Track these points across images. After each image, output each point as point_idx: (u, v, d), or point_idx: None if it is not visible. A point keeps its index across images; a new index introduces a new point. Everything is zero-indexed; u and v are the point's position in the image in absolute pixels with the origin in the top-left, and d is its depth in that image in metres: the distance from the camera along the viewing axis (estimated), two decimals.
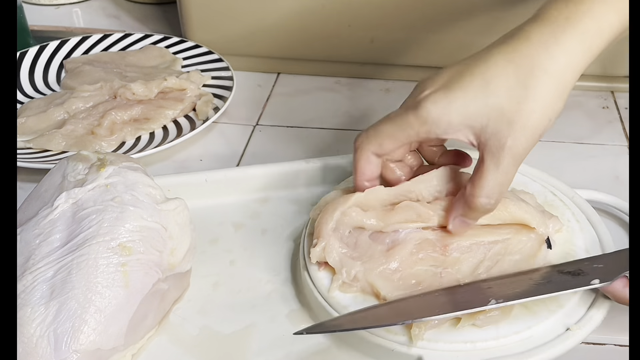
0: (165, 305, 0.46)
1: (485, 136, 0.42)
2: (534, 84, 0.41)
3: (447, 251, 0.46)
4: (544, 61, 0.41)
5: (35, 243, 0.42)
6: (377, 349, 0.43)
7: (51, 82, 0.75)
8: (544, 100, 0.41)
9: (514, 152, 0.41)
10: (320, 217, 0.47)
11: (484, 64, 0.42)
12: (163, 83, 0.69)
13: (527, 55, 0.41)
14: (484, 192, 0.42)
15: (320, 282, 0.46)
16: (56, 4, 0.95)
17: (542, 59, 0.41)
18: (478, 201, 0.43)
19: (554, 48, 0.41)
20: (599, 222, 0.50)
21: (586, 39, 0.41)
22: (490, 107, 0.41)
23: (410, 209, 0.46)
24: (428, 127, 0.42)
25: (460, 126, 0.42)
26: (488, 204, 0.43)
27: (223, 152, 0.66)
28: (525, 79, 0.41)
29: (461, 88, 0.42)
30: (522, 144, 0.41)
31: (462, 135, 0.42)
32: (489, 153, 0.42)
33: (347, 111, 0.72)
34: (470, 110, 0.41)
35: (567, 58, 0.41)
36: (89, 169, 0.46)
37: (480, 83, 0.41)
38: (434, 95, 0.42)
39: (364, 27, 0.71)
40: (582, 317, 0.43)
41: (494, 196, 0.42)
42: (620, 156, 0.64)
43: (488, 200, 0.42)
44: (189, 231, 0.46)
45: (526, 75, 0.41)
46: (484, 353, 0.41)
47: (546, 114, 0.41)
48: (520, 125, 0.41)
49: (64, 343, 0.39)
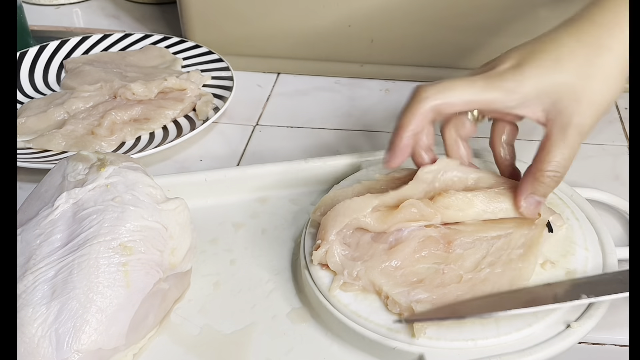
0: (166, 304, 0.46)
1: (554, 112, 0.44)
2: (600, 62, 0.43)
3: (451, 248, 0.46)
4: (608, 41, 0.43)
5: (36, 243, 0.42)
6: (378, 348, 0.43)
7: (51, 82, 0.75)
8: (609, 78, 0.43)
9: (580, 128, 0.43)
10: (327, 219, 0.46)
11: (554, 43, 0.44)
12: (163, 83, 0.69)
13: (593, 36, 0.44)
14: (552, 166, 0.44)
15: (320, 281, 0.46)
16: (56, 4, 0.95)
17: (606, 40, 0.43)
18: (546, 175, 0.44)
19: (615, 29, 0.43)
20: (598, 220, 0.50)
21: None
22: (561, 84, 0.43)
23: (413, 207, 0.46)
24: (503, 97, 0.44)
25: (533, 100, 0.44)
26: (556, 177, 0.45)
27: (223, 152, 0.66)
28: (593, 57, 0.43)
29: (535, 65, 0.44)
30: (588, 120, 0.43)
31: (532, 111, 0.44)
32: (557, 128, 0.44)
33: (347, 111, 0.72)
34: (543, 86, 0.43)
35: (623, 37, 0.43)
36: (89, 169, 0.46)
37: (553, 61, 0.44)
38: (511, 69, 0.44)
39: (364, 27, 0.71)
40: (582, 315, 0.43)
41: (561, 169, 0.44)
42: (620, 156, 0.64)
43: (555, 173, 0.44)
44: (190, 231, 0.47)
45: (594, 54, 0.43)
46: (485, 350, 0.41)
47: (610, 91, 0.43)
48: (587, 102, 0.43)
49: (66, 343, 0.39)
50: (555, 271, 0.46)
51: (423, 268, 0.45)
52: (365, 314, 0.43)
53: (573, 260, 0.46)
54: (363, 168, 0.56)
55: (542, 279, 0.45)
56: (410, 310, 0.42)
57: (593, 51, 0.43)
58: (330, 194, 0.50)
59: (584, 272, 0.46)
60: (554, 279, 0.45)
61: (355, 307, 0.44)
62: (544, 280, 0.45)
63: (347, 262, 0.45)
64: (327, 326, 0.46)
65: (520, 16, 0.44)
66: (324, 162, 0.57)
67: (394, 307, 0.43)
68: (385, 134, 0.65)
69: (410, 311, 0.42)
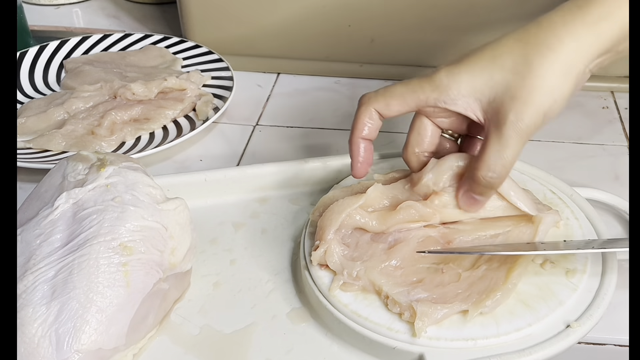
0: (166, 304, 0.46)
1: (490, 111, 0.43)
2: (539, 61, 0.42)
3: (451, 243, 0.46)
4: (551, 41, 0.42)
5: (36, 243, 0.42)
6: (379, 347, 0.43)
7: (51, 82, 0.75)
8: (548, 79, 0.42)
9: (516, 127, 0.42)
10: (323, 219, 0.47)
11: (494, 44, 0.44)
12: (163, 83, 0.69)
13: (534, 35, 0.43)
14: (486, 166, 0.43)
15: (320, 281, 0.46)
16: (56, 4, 0.95)
17: (549, 39, 0.42)
18: (481, 174, 0.44)
19: (561, 30, 0.42)
20: (598, 220, 0.50)
21: (595, 26, 0.42)
22: (495, 81, 0.42)
23: (412, 208, 0.46)
24: (438, 94, 0.44)
25: (469, 98, 0.43)
26: (491, 178, 0.43)
27: (223, 152, 0.66)
28: (531, 56, 0.42)
29: (471, 62, 0.44)
30: (525, 120, 0.42)
31: (471, 109, 0.44)
32: (493, 127, 0.43)
33: (347, 111, 0.72)
34: (478, 83, 0.43)
35: (574, 42, 0.42)
36: (89, 169, 0.46)
37: (489, 58, 0.43)
38: (447, 66, 0.44)
39: (364, 27, 0.72)
40: (582, 315, 0.43)
41: (496, 170, 0.43)
42: (620, 156, 0.64)
43: (491, 174, 0.43)
44: (190, 231, 0.47)
45: (532, 52, 0.42)
46: (485, 350, 0.41)
47: (551, 93, 0.42)
48: (523, 101, 0.42)
49: (66, 343, 0.39)
50: (555, 271, 0.46)
51: (423, 268, 0.45)
52: (365, 313, 0.43)
53: (573, 260, 0.46)
54: None
55: (542, 279, 0.45)
56: (411, 310, 0.42)
57: (532, 49, 0.42)
58: (329, 195, 0.50)
59: (583, 272, 0.46)
60: (554, 278, 0.45)
61: (355, 307, 0.44)
62: (543, 280, 0.45)
63: (347, 262, 0.45)
64: (327, 326, 0.46)
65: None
66: (324, 162, 0.57)
67: (394, 306, 0.43)
68: (386, 134, 0.65)
69: (411, 310, 0.42)
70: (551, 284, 0.45)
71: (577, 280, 0.45)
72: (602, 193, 0.55)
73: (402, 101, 0.45)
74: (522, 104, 0.42)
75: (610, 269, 0.46)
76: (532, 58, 0.42)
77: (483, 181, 0.44)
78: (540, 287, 0.45)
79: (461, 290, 0.43)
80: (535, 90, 0.42)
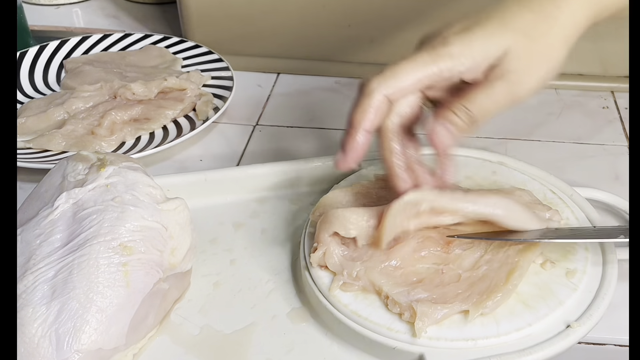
0: (166, 304, 0.46)
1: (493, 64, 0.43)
2: (545, 28, 0.43)
3: (450, 248, 0.46)
4: (554, 11, 0.44)
5: (36, 243, 0.42)
6: (379, 347, 0.43)
7: (51, 82, 0.75)
8: (552, 46, 0.44)
9: (509, 81, 0.43)
10: (321, 222, 0.47)
11: (500, 11, 0.44)
12: (163, 83, 0.69)
13: (539, 4, 0.44)
14: (464, 101, 0.43)
15: (320, 281, 0.46)
16: (56, 4, 0.95)
17: (552, 10, 0.44)
18: (457, 105, 0.43)
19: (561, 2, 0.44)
20: (598, 220, 0.50)
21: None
22: (507, 43, 0.43)
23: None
24: (452, 63, 0.42)
25: (482, 62, 0.43)
26: (464, 114, 0.43)
27: (223, 152, 0.66)
28: (539, 22, 0.43)
29: (482, 27, 0.43)
30: (521, 80, 0.43)
31: (479, 72, 0.43)
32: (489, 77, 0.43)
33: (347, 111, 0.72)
34: (492, 48, 0.43)
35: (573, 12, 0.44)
36: (89, 169, 0.46)
37: (499, 24, 0.43)
38: (457, 34, 0.43)
39: (364, 27, 0.71)
40: (582, 315, 0.43)
41: (473, 110, 0.43)
42: (620, 156, 0.64)
43: (465, 110, 0.43)
44: (190, 231, 0.46)
45: (540, 20, 0.44)
46: (485, 350, 0.41)
47: (552, 61, 0.44)
48: (526, 63, 0.43)
49: (66, 343, 0.39)
50: (555, 271, 0.46)
51: (423, 268, 0.45)
52: (365, 313, 0.43)
53: (573, 260, 0.46)
54: (363, 168, 0.56)
55: (542, 279, 0.45)
56: (411, 310, 0.42)
57: (539, 17, 0.43)
58: (329, 195, 0.50)
59: (583, 272, 0.46)
60: (554, 278, 0.45)
61: (355, 307, 0.44)
62: (543, 280, 0.45)
63: (346, 263, 0.45)
64: (327, 326, 0.46)
65: None
66: (324, 162, 0.57)
67: (394, 307, 0.43)
68: None
69: (411, 310, 0.42)
70: (551, 284, 0.45)
71: (577, 280, 0.45)
72: (602, 193, 0.55)
73: (415, 80, 0.43)
74: (524, 66, 0.43)
75: (610, 268, 0.46)
76: (540, 26, 0.43)
77: (462, 115, 0.43)
78: (540, 287, 0.45)
79: (461, 291, 0.43)
80: (539, 55, 0.43)
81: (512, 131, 0.67)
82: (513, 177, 0.55)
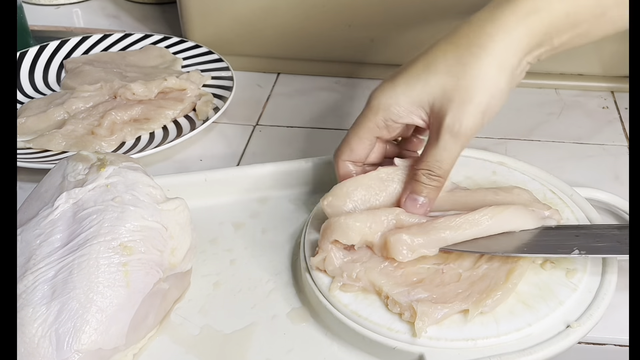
0: (166, 304, 0.46)
1: (432, 115, 0.44)
2: (471, 61, 0.42)
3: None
4: (482, 39, 0.42)
5: (36, 243, 0.42)
6: (379, 348, 0.43)
7: (51, 82, 0.75)
8: (482, 77, 0.42)
9: (452, 129, 0.43)
10: (324, 229, 0.46)
11: (427, 50, 0.45)
12: (163, 83, 0.69)
13: (464, 35, 0.43)
14: (424, 165, 0.45)
15: (320, 281, 0.46)
16: (56, 4, 0.95)
17: (479, 37, 0.42)
18: (419, 174, 0.45)
19: (490, 27, 0.42)
20: (598, 220, 0.50)
21: (525, 20, 0.42)
22: (431, 86, 0.43)
23: None
24: (382, 115, 0.45)
25: (411, 108, 0.44)
26: (429, 179, 0.45)
27: (223, 152, 0.66)
28: (464, 57, 0.42)
29: (405, 74, 0.45)
30: (462, 121, 0.43)
31: (416, 117, 0.45)
32: (432, 130, 0.44)
33: (347, 111, 0.72)
34: (415, 93, 0.44)
35: (505, 37, 0.42)
36: (89, 169, 0.46)
37: (423, 66, 0.44)
38: (380, 86, 0.46)
39: (364, 27, 0.71)
40: (582, 315, 0.43)
41: (435, 171, 0.45)
42: (620, 156, 0.64)
43: (428, 174, 0.45)
44: (190, 231, 0.47)
45: (465, 53, 0.43)
46: (485, 350, 0.41)
47: (487, 90, 0.42)
48: (459, 102, 0.43)
49: (66, 343, 0.39)
50: (555, 271, 0.46)
51: (423, 268, 0.45)
52: (366, 314, 0.43)
53: (573, 260, 0.46)
54: None
55: (542, 279, 0.45)
56: (411, 310, 0.42)
57: (464, 50, 0.43)
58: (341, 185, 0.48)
59: (583, 272, 0.46)
60: (554, 278, 0.45)
61: (355, 307, 0.44)
62: (543, 280, 0.45)
63: (346, 265, 0.45)
64: (327, 326, 0.46)
65: None
66: (324, 162, 0.57)
67: (394, 306, 0.43)
68: None
69: (411, 310, 0.42)
70: (551, 284, 0.45)
71: (577, 280, 0.45)
72: (602, 193, 0.55)
73: (360, 139, 0.47)
74: (457, 106, 0.43)
75: (610, 269, 0.46)
76: (464, 59, 0.42)
77: (426, 180, 0.45)
78: (540, 287, 0.45)
79: (461, 290, 0.43)
80: (471, 89, 0.42)
81: (512, 131, 0.67)
82: (513, 177, 0.55)
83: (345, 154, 0.48)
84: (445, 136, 0.43)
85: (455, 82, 0.42)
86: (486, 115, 0.43)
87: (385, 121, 0.46)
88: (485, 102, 0.43)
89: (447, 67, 0.43)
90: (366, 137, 0.47)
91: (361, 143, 0.47)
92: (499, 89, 0.43)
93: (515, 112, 0.69)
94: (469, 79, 0.42)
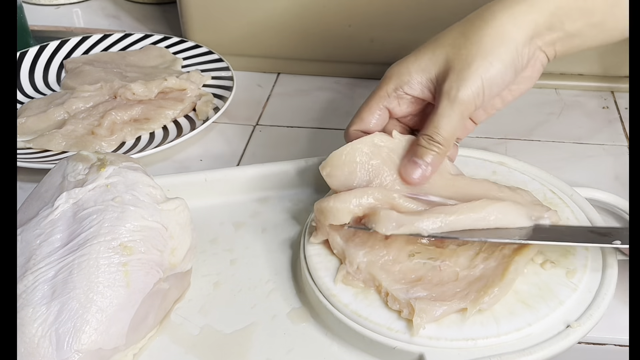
0: (166, 304, 0.46)
1: (437, 86, 0.46)
2: (473, 31, 0.45)
3: (444, 242, 0.46)
4: (485, 14, 0.45)
5: (36, 243, 0.42)
6: (379, 347, 0.43)
7: (51, 82, 0.75)
8: (482, 44, 0.44)
9: (449, 95, 0.45)
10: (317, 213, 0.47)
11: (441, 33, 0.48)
12: (163, 83, 0.69)
13: (473, 15, 0.46)
14: (423, 131, 0.46)
15: (321, 281, 0.46)
16: (56, 4, 0.95)
17: (484, 13, 0.46)
18: (420, 138, 0.47)
19: (496, 7, 0.45)
20: (598, 220, 0.50)
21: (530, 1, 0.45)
22: (437, 56, 0.46)
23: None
24: (393, 83, 0.48)
25: (419, 78, 0.47)
26: (429, 143, 0.46)
27: (223, 152, 0.66)
28: (467, 30, 0.46)
29: (418, 50, 0.48)
30: (459, 86, 0.45)
31: (425, 89, 0.47)
32: (436, 99, 0.46)
33: (347, 111, 0.72)
34: (424, 63, 0.47)
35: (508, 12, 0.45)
36: (89, 169, 0.46)
37: (433, 40, 0.48)
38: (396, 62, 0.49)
39: (364, 27, 0.71)
40: (582, 315, 0.43)
41: (434, 137, 0.46)
42: (620, 156, 0.64)
43: (428, 139, 0.46)
44: (190, 231, 0.47)
45: (468, 27, 0.46)
46: (485, 350, 0.41)
47: (485, 58, 0.44)
48: (458, 69, 0.45)
49: (66, 343, 0.39)
50: (555, 271, 0.46)
51: (419, 263, 0.45)
52: (366, 313, 0.43)
53: (573, 260, 0.46)
54: None
55: (542, 279, 0.45)
56: (409, 307, 0.42)
57: (468, 25, 0.46)
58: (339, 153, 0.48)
59: (584, 271, 0.46)
60: (554, 278, 0.45)
61: (355, 307, 0.44)
62: (543, 280, 0.45)
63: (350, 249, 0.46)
64: (327, 326, 0.46)
65: None
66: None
67: (394, 303, 0.43)
68: None
69: (410, 307, 0.42)
70: (551, 284, 0.45)
71: (577, 280, 0.45)
72: (602, 193, 0.55)
73: (371, 111, 0.49)
74: (456, 73, 0.45)
75: (610, 268, 0.46)
76: (467, 32, 0.45)
77: (425, 144, 0.46)
78: (540, 287, 0.45)
79: (459, 289, 0.43)
80: (469, 57, 0.45)
81: (512, 131, 0.67)
82: (513, 177, 0.55)
83: (355, 124, 0.50)
84: (443, 102, 0.45)
85: (457, 51, 0.45)
86: (485, 84, 0.45)
87: (395, 90, 0.48)
88: (483, 69, 0.44)
89: (452, 39, 0.46)
90: (376, 106, 0.49)
91: (371, 112, 0.49)
92: (500, 59, 0.44)
93: (515, 112, 0.69)
94: (469, 46, 0.45)
